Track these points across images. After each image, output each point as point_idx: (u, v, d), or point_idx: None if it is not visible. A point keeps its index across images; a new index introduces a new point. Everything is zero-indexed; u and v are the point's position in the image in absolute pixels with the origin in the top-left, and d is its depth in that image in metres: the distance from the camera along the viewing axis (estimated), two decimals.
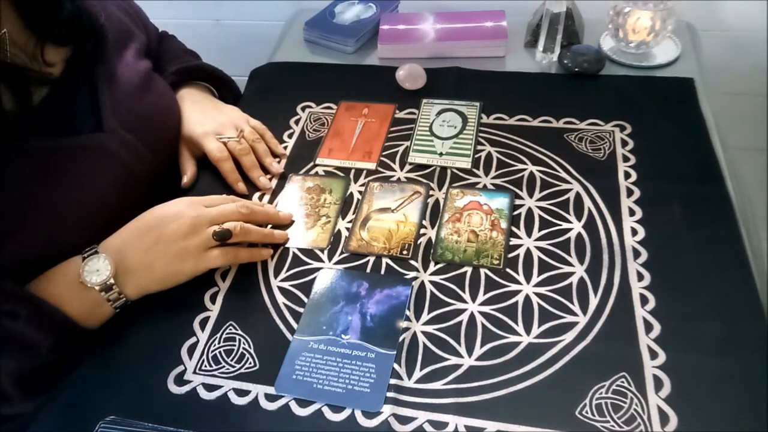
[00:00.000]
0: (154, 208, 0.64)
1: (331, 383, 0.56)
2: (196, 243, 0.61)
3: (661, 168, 0.72)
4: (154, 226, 0.61)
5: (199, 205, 0.64)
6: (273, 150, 0.79)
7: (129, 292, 0.60)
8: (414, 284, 0.63)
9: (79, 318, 0.58)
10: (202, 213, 0.63)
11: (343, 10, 1.03)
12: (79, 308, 0.58)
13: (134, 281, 0.60)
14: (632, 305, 0.59)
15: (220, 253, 0.63)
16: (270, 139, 0.80)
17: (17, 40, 0.60)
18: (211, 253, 0.62)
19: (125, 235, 0.62)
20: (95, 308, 0.59)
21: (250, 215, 0.66)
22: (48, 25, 0.62)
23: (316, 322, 0.61)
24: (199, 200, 0.66)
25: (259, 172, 0.76)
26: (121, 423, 0.52)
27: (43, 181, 0.60)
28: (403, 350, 0.58)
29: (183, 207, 0.63)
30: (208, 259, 0.62)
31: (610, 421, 0.51)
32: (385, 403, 0.54)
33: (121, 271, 0.59)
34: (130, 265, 0.60)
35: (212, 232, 0.61)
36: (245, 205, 0.66)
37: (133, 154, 0.67)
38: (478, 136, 0.79)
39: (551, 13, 0.86)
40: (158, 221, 0.62)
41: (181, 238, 0.61)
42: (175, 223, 0.61)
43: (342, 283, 0.64)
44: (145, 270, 0.60)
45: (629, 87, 0.84)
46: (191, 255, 0.61)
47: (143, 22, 0.83)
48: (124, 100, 0.68)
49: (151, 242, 0.60)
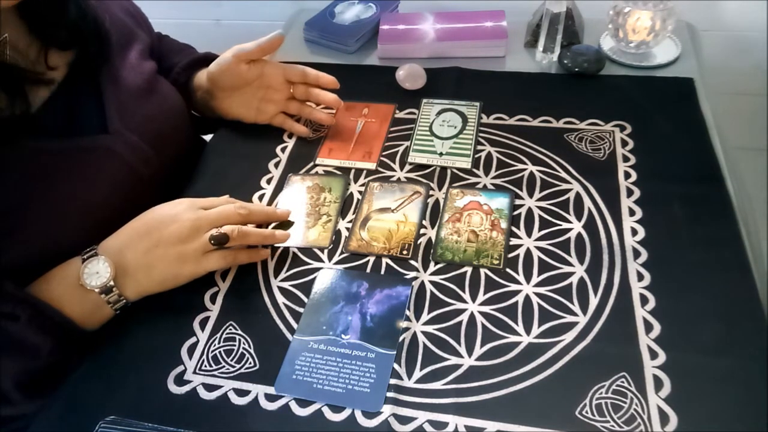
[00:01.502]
0: (153, 209, 0.64)
1: (332, 383, 0.56)
2: (195, 246, 0.61)
3: (661, 168, 0.72)
4: (153, 227, 0.61)
5: (198, 207, 0.64)
6: (324, 85, 0.80)
7: (129, 293, 0.60)
8: (414, 284, 0.63)
9: (80, 320, 0.58)
10: (200, 216, 0.62)
11: (343, 10, 1.03)
12: (79, 310, 0.58)
13: (134, 283, 0.60)
14: (632, 305, 0.59)
15: (218, 256, 0.62)
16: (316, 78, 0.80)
17: (18, 43, 0.60)
18: (210, 257, 0.62)
19: (124, 237, 0.61)
20: (95, 310, 0.59)
21: (249, 216, 0.65)
22: (52, 30, 0.62)
23: (316, 322, 0.61)
24: (198, 202, 0.65)
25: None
26: (121, 423, 0.52)
27: (47, 182, 0.60)
28: (403, 350, 0.58)
29: (182, 210, 0.63)
30: (207, 263, 0.62)
31: (610, 421, 0.51)
32: (385, 403, 0.54)
33: (121, 273, 0.59)
34: (129, 267, 0.59)
35: (209, 237, 0.61)
36: (244, 206, 0.66)
37: (138, 155, 0.67)
38: (478, 136, 0.79)
39: (551, 13, 0.86)
40: (157, 223, 0.61)
41: (180, 242, 0.60)
42: (174, 225, 0.61)
43: (342, 283, 0.64)
44: (144, 272, 0.60)
45: (629, 87, 0.84)
46: (190, 258, 0.61)
47: (145, 23, 0.83)
48: (129, 101, 0.68)
49: (150, 244, 0.60)
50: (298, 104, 0.82)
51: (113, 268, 0.58)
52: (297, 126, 0.82)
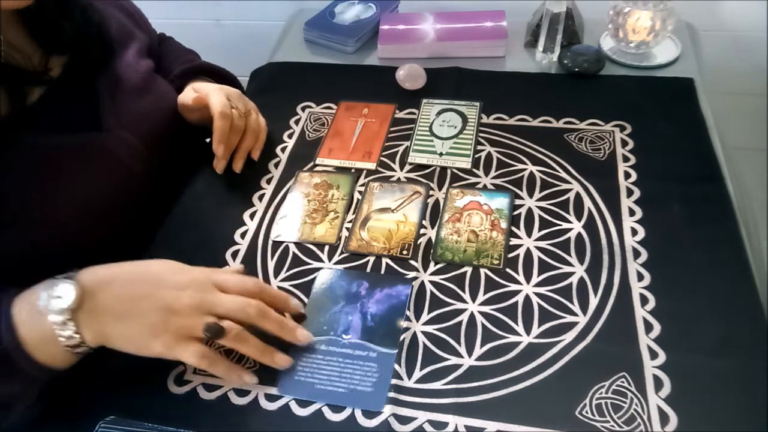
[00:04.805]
0: (165, 262, 0.56)
1: (334, 383, 0.56)
2: (181, 325, 0.52)
3: (661, 168, 0.72)
4: (150, 280, 0.54)
5: (211, 287, 0.55)
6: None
7: (87, 334, 0.51)
8: (414, 284, 0.63)
9: (31, 347, 0.50)
10: (207, 299, 0.53)
11: (343, 10, 1.03)
12: (28, 333, 0.50)
13: (96, 324, 0.51)
14: (632, 305, 0.59)
15: (197, 351, 0.52)
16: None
17: (17, 44, 0.60)
18: (188, 345, 0.52)
19: (114, 272, 0.54)
20: (46, 340, 0.50)
21: (259, 321, 0.55)
22: (54, 36, 0.62)
23: (317, 322, 0.61)
24: (215, 279, 0.55)
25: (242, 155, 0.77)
26: (121, 423, 0.52)
27: (40, 178, 0.60)
28: (403, 350, 0.58)
29: (191, 281, 0.54)
30: (182, 351, 0.52)
31: (610, 421, 0.51)
32: (385, 403, 0.54)
33: (87, 308, 0.50)
34: (99, 305, 0.51)
35: (205, 325, 0.52)
36: (260, 309, 0.55)
37: (132, 153, 0.67)
38: (478, 136, 0.79)
39: (551, 13, 0.86)
40: (157, 279, 0.54)
41: (169, 312, 0.52)
42: (172, 292, 0.53)
43: (342, 282, 0.64)
44: (112, 318, 0.51)
45: (629, 87, 0.84)
46: (168, 335, 0.52)
47: (144, 22, 0.83)
48: (124, 99, 0.68)
49: (136, 294, 0.52)
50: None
51: (78, 297, 0.50)
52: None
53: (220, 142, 0.72)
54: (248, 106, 0.79)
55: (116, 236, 0.67)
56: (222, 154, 0.73)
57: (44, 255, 0.59)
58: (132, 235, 0.69)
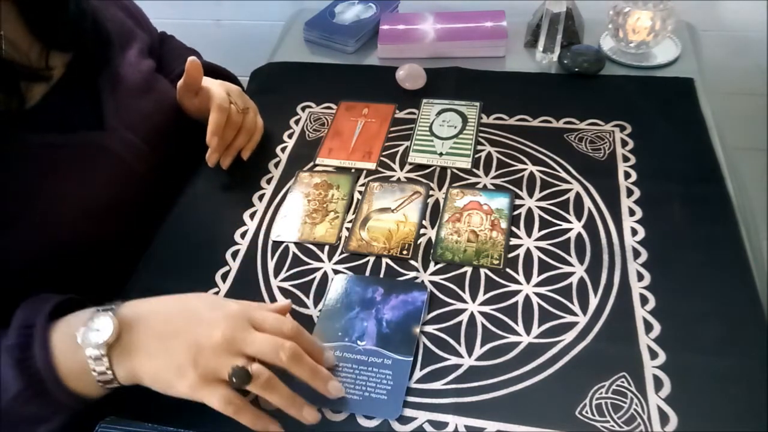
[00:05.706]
0: (204, 298, 0.55)
1: (348, 390, 0.55)
2: (207, 365, 0.49)
3: (661, 168, 0.72)
4: (185, 317, 0.52)
5: (246, 324, 0.51)
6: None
7: (119, 371, 0.50)
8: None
9: (66, 378, 0.49)
10: (238, 337, 0.50)
11: (343, 10, 1.03)
12: (66, 364, 0.49)
13: (128, 363, 0.50)
14: (632, 305, 0.59)
15: (224, 396, 0.49)
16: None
17: (17, 41, 0.60)
18: (215, 389, 0.49)
19: (154, 307, 0.53)
20: (80, 372, 0.49)
21: (291, 365, 0.51)
22: (51, 30, 0.62)
23: (332, 328, 0.60)
24: (251, 317, 0.52)
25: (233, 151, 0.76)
26: (121, 423, 0.52)
27: (42, 177, 0.60)
28: None
29: (225, 317, 0.51)
30: (208, 393, 0.49)
31: (610, 421, 0.51)
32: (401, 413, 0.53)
33: (123, 344, 0.50)
34: (134, 341, 0.50)
35: (231, 369, 0.48)
36: (294, 353, 0.51)
37: (134, 152, 0.68)
38: (478, 136, 0.79)
39: (551, 13, 0.86)
40: (192, 315, 0.52)
41: (198, 350, 0.49)
42: (206, 329, 0.50)
43: (357, 288, 0.63)
44: (144, 357, 0.50)
45: (629, 87, 0.84)
46: (194, 376, 0.49)
47: (145, 22, 0.83)
48: (126, 98, 0.69)
49: (169, 331, 0.51)
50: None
51: (116, 331, 0.49)
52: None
53: (215, 134, 0.72)
54: (248, 104, 0.79)
55: (117, 235, 0.67)
56: (215, 146, 0.73)
57: (46, 254, 0.59)
58: (133, 234, 0.69)
